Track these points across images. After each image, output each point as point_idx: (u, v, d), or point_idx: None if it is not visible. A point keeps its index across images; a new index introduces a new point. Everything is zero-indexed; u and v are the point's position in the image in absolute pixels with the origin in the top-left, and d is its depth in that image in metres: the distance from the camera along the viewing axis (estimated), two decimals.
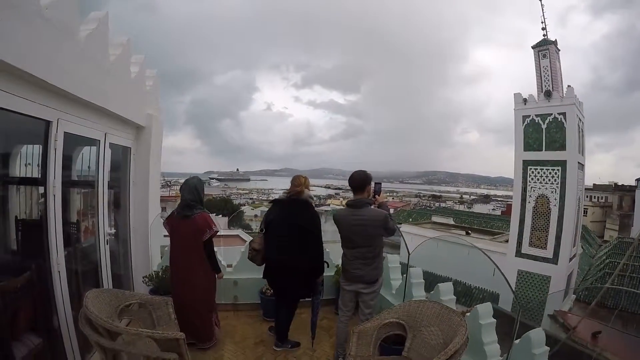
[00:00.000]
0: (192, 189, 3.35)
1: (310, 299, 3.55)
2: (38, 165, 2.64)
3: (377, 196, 3.23)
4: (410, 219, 29.24)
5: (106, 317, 2.33)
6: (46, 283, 2.58)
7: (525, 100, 14.34)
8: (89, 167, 3.42)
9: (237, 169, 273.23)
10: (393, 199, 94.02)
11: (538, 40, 15.03)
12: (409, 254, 3.91)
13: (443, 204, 74.94)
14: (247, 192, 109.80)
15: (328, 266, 3.69)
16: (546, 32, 14.98)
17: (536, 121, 13.84)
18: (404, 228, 21.81)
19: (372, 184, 3.24)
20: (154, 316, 2.83)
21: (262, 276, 3.58)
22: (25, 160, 2.85)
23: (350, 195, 3.23)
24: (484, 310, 2.77)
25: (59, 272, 2.64)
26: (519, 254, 14.36)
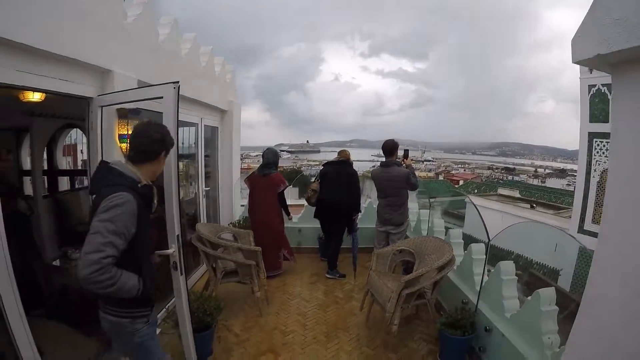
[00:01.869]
0: (273, 153, 4.77)
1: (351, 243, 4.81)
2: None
3: (405, 159, 4.24)
4: (476, 191, 28.81)
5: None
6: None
7: (591, 69, 13.55)
8: (190, 143, 4.80)
9: (307, 141, 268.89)
10: (465, 170, 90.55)
11: None
12: (487, 234, 3.37)
13: (516, 177, 70.67)
14: (318, 163, 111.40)
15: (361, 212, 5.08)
16: None
17: (602, 91, 13.06)
18: (468, 199, 21.79)
19: (402, 151, 4.36)
20: (239, 242, 4.17)
21: (314, 216, 4.94)
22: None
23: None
24: (546, 295, 2.53)
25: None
26: (581, 230, 13.94)
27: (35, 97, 3.00)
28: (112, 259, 1.47)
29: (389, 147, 4.19)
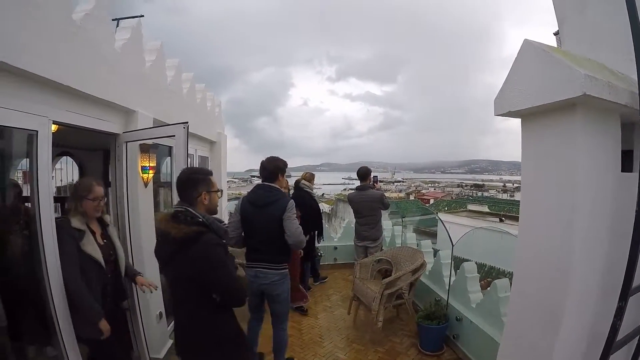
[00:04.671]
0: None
1: None
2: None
3: (375, 184, 4.83)
4: (446, 208, 30.01)
5: None
6: None
7: None
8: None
9: None
10: (435, 189, 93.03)
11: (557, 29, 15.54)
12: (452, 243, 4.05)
13: (486, 193, 73.45)
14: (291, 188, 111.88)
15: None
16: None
17: None
18: (440, 216, 22.74)
19: (372, 175, 4.91)
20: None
21: None
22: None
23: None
24: (502, 284, 3.14)
25: None
26: None
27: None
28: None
29: (363, 173, 4.78)
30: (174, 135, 2.91)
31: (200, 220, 1.81)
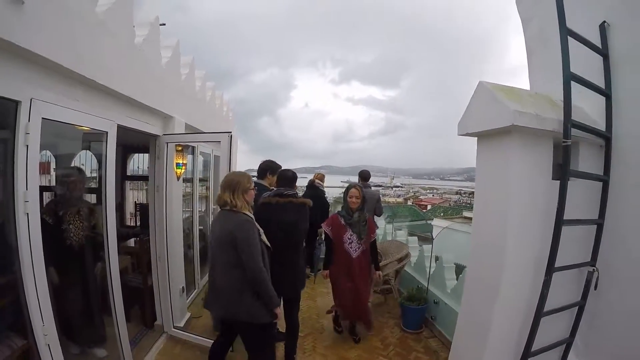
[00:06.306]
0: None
1: None
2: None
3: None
4: (442, 214, 30.67)
5: None
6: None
7: None
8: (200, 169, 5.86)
9: None
10: (433, 195, 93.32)
11: None
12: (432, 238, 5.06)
13: None
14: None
15: None
16: None
17: None
18: (434, 222, 23.41)
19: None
20: None
21: None
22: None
23: None
24: (447, 257, 4.28)
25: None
26: None
27: None
28: None
29: (365, 175, 5.60)
30: (220, 142, 3.52)
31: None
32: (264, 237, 2.48)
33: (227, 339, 2.83)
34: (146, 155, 5.61)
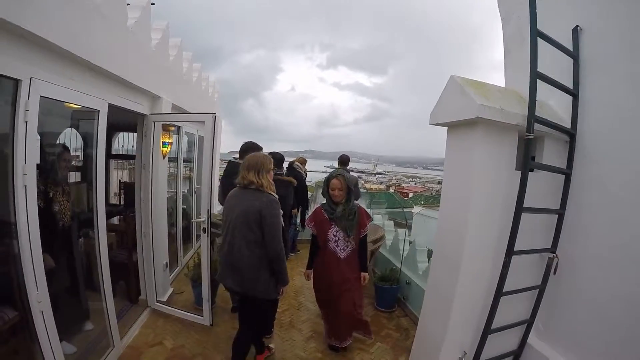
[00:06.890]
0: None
1: None
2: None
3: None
4: (423, 202, 31.32)
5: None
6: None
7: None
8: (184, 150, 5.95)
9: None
10: (416, 184, 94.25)
11: None
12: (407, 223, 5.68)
13: None
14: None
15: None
16: None
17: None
18: (415, 209, 23.96)
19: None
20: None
21: None
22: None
23: None
24: (420, 241, 4.61)
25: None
26: None
27: None
28: None
29: (345, 159, 5.83)
30: (204, 122, 3.65)
31: None
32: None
33: (245, 327, 2.81)
34: (130, 134, 5.69)
